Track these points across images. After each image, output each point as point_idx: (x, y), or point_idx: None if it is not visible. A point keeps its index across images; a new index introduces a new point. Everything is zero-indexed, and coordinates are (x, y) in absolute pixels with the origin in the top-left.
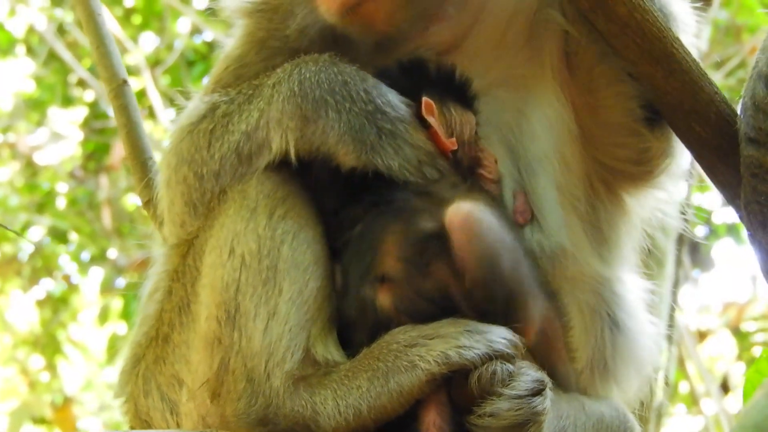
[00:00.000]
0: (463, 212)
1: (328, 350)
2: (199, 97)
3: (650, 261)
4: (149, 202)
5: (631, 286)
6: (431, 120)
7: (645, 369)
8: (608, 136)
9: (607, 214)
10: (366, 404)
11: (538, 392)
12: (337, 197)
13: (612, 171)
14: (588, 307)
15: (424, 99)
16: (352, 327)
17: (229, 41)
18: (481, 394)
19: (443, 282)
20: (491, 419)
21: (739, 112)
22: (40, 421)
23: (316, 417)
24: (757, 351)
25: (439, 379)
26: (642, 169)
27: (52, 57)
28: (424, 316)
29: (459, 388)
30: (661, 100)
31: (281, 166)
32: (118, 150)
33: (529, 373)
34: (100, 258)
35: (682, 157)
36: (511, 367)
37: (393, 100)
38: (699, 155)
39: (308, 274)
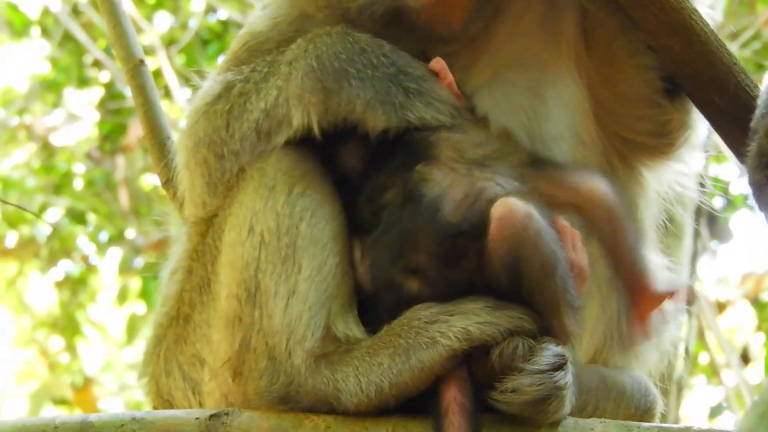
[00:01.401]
0: (520, 213)
1: (349, 327)
2: (213, 76)
3: (668, 233)
4: (168, 182)
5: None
6: (445, 77)
7: (663, 343)
8: (629, 109)
9: (625, 190)
10: (388, 381)
11: (559, 367)
12: (361, 166)
13: (632, 145)
14: (606, 282)
15: (435, 59)
16: (373, 301)
17: (253, 18)
18: (502, 369)
19: (472, 273)
20: (513, 395)
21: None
22: (60, 402)
23: (338, 394)
24: None
25: (461, 355)
26: (662, 141)
27: (67, 38)
28: (450, 299)
29: (480, 364)
30: (680, 72)
31: (299, 143)
32: (135, 130)
33: (550, 348)
34: (118, 238)
35: (701, 128)
36: (532, 342)
37: (411, 61)
38: (718, 126)
39: (327, 251)
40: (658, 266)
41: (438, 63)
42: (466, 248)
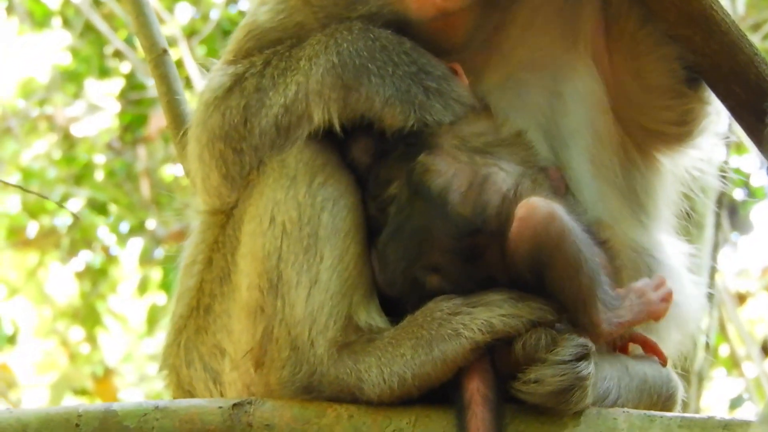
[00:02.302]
0: (542, 214)
1: (371, 316)
2: (220, 68)
3: (690, 224)
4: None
5: (671, 250)
6: (463, 80)
7: (687, 327)
8: (652, 99)
9: (643, 179)
10: (410, 372)
11: (582, 357)
12: (370, 161)
13: (653, 134)
14: (627, 273)
15: (451, 65)
16: (394, 297)
17: (255, 9)
18: (525, 361)
19: (494, 269)
20: (536, 386)
21: None
22: (80, 392)
23: (360, 384)
24: None
25: (483, 347)
26: (683, 129)
27: (89, 29)
28: (472, 292)
29: (503, 355)
30: (701, 62)
31: (318, 133)
32: (156, 121)
33: (572, 339)
34: (138, 229)
35: (721, 117)
36: (555, 333)
37: (431, 60)
38: (738, 116)
39: (349, 240)
40: (681, 251)
41: (457, 66)
42: (486, 245)
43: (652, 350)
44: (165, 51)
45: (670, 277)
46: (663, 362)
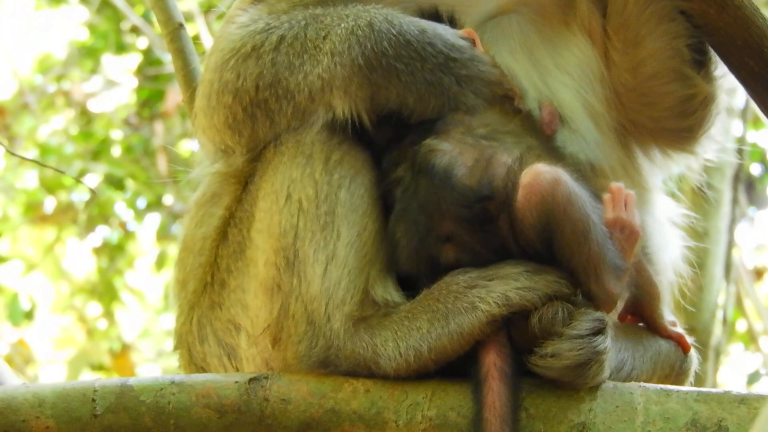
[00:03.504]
0: (547, 180)
1: (388, 291)
2: (240, 11)
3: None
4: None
5: (660, 203)
6: (478, 45)
7: (668, 274)
8: (654, 86)
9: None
10: (426, 345)
11: (599, 331)
12: (385, 140)
13: (654, 132)
14: None
15: (465, 30)
16: (411, 273)
17: None
18: (542, 334)
19: (506, 238)
20: (553, 359)
21: None
22: (98, 368)
23: (376, 358)
24: None
25: (500, 320)
26: (685, 123)
27: (106, 4)
28: (487, 264)
29: (519, 329)
30: (714, 36)
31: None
32: (173, 96)
33: (589, 313)
34: (156, 205)
35: (733, 94)
36: (571, 307)
37: (455, 42)
38: (752, 90)
39: (366, 218)
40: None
41: (471, 33)
42: (494, 213)
43: (677, 340)
44: (181, 25)
45: (656, 229)
46: (685, 350)
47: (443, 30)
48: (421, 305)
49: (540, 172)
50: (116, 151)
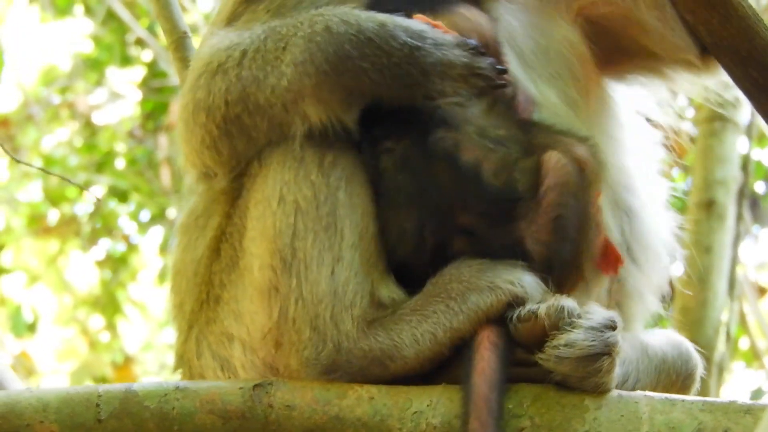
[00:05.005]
0: (575, 154)
1: (391, 290)
2: (211, 34)
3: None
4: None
5: (647, 180)
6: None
7: (662, 256)
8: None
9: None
10: (441, 328)
11: (611, 327)
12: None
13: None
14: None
15: (416, 17)
16: (405, 261)
17: None
18: (552, 326)
19: (520, 235)
20: (566, 348)
21: None
22: (100, 380)
23: (394, 351)
24: None
25: (513, 302)
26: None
27: (110, 16)
28: (497, 257)
29: (528, 325)
30: (718, 46)
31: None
32: (177, 109)
33: (599, 310)
34: (159, 217)
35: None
36: (577, 305)
37: (417, 28)
38: (756, 102)
39: (367, 218)
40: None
41: (423, 18)
42: (519, 214)
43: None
44: (185, 34)
45: (643, 204)
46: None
47: (401, 20)
48: (432, 293)
49: (564, 152)
50: (120, 164)
